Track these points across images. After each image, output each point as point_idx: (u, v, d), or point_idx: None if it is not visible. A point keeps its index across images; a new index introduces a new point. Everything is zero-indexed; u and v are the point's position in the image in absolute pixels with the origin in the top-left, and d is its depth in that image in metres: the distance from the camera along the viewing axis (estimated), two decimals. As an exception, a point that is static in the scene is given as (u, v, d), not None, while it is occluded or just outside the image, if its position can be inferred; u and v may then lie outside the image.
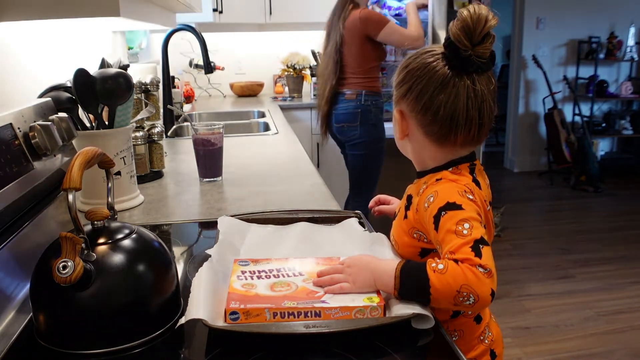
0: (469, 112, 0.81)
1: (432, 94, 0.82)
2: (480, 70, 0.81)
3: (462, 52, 0.79)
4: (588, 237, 3.71)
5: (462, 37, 0.78)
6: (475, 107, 0.81)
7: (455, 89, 0.81)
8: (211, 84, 3.90)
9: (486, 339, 0.89)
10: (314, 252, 0.93)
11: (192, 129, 1.51)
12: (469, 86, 0.80)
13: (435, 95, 0.82)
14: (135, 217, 1.23)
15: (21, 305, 0.80)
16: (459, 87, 0.81)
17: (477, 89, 0.81)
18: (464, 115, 0.81)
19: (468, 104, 0.81)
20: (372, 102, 2.66)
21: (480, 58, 0.79)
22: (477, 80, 0.81)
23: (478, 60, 0.79)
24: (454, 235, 0.73)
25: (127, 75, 1.23)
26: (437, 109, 0.82)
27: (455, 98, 0.81)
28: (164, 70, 2.36)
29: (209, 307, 0.70)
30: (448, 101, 0.81)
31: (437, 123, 0.83)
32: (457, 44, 0.79)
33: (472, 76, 0.81)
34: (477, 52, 0.79)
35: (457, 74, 0.81)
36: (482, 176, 0.88)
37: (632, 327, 2.57)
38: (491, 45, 0.79)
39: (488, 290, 0.69)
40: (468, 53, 0.79)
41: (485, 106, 0.82)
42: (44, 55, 1.40)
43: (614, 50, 5.10)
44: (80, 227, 0.67)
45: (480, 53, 0.79)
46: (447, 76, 0.81)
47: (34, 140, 0.92)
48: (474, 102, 0.81)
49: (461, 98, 0.81)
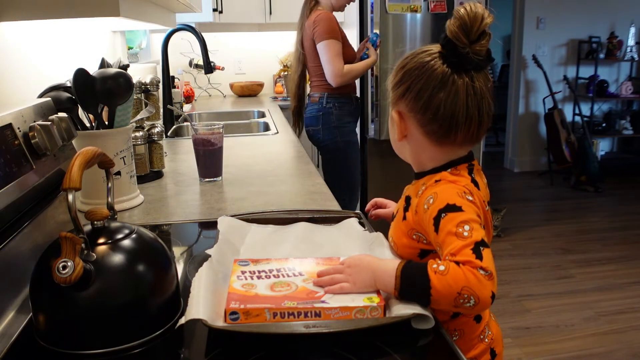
0: (469, 110, 0.81)
1: (432, 93, 0.82)
2: (478, 68, 0.81)
3: (460, 49, 0.79)
4: (588, 237, 3.71)
5: (459, 35, 0.78)
6: (475, 105, 0.81)
7: (454, 86, 0.81)
8: (211, 84, 3.90)
9: (486, 337, 0.89)
10: (313, 252, 0.93)
11: (192, 129, 1.51)
12: (468, 84, 0.80)
13: (435, 93, 0.81)
14: (135, 217, 1.23)
15: (21, 305, 0.80)
16: (459, 85, 0.80)
17: (476, 86, 0.81)
18: (464, 113, 0.81)
19: (468, 101, 0.81)
20: (335, 104, 2.62)
21: (477, 55, 0.79)
22: (475, 77, 0.81)
23: (475, 58, 0.79)
24: (454, 237, 0.73)
25: (127, 75, 1.23)
26: (437, 108, 0.82)
27: (455, 96, 0.81)
28: (164, 70, 2.36)
29: (209, 307, 0.70)
30: (448, 99, 0.81)
31: (437, 122, 0.83)
32: (454, 41, 0.79)
33: (471, 73, 0.81)
34: (474, 49, 0.79)
35: (456, 72, 0.81)
36: (480, 176, 0.87)
37: (632, 327, 2.57)
38: (487, 43, 0.80)
39: (489, 293, 0.69)
40: (466, 50, 0.79)
41: (484, 103, 0.82)
42: (43, 55, 1.40)
43: (614, 50, 5.10)
44: (80, 227, 0.67)
45: (477, 50, 0.79)
46: (446, 74, 0.81)
47: (33, 140, 0.92)
48: (473, 100, 0.81)
49: (461, 96, 0.81)
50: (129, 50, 2.52)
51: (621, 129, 5.36)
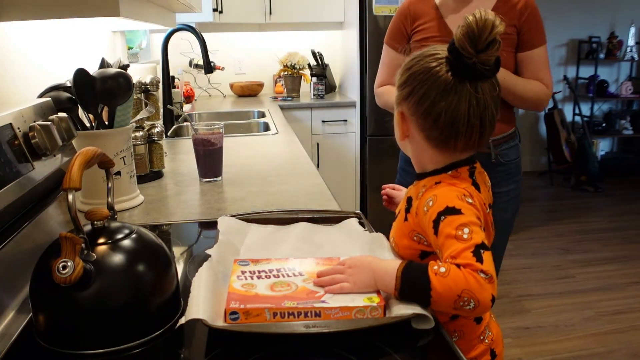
0: (470, 120, 0.80)
1: (434, 100, 0.80)
2: (484, 78, 0.79)
3: (466, 59, 0.77)
4: (588, 237, 3.71)
5: (466, 44, 0.75)
6: (476, 115, 0.80)
7: (457, 96, 0.79)
8: (211, 84, 3.89)
9: (486, 338, 0.89)
10: (313, 252, 0.93)
11: (192, 129, 1.51)
12: (472, 94, 0.79)
13: (437, 101, 0.80)
14: (135, 217, 1.23)
15: (21, 305, 0.80)
16: (461, 95, 0.79)
17: (480, 96, 0.79)
18: (465, 122, 0.80)
19: (470, 111, 0.79)
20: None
21: (484, 65, 0.77)
22: (480, 87, 0.79)
23: (482, 68, 0.77)
24: (454, 240, 0.73)
25: (127, 75, 1.23)
26: (437, 115, 0.81)
27: (456, 105, 0.79)
28: (164, 70, 2.36)
29: (209, 307, 0.70)
30: (449, 108, 0.79)
31: (438, 129, 0.82)
32: (460, 50, 0.76)
33: (475, 83, 0.79)
34: (481, 59, 0.76)
35: (460, 81, 0.79)
36: (483, 179, 0.87)
37: (632, 327, 2.57)
38: (497, 52, 0.77)
39: (489, 296, 0.69)
40: (472, 60, 0.76)
41: (487, 114, 0.80)
42: (43, 55, 1.40)
43: (614, 50, 5.10)
44: (80, 227, 0.67)
45: (485, 60, 0.77)
46: (449, 83, 0.79)
47: (33, 140, 0.92)
48: (475, 110, 0.79)
49: (462, 106, 0.79)
50: (129, 50, 2.52)
51: (621, 129, 5.36)
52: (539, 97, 1.55)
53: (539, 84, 1.52)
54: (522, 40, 1.50)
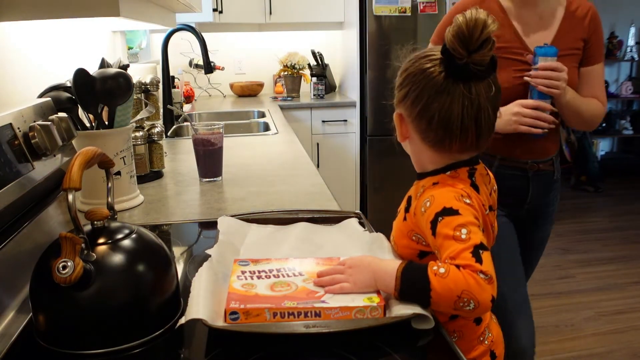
0: (464, 121, 0.79)
1: (427, 102, 0.80)
2: (478, 78, 0.78)
3: (457, 60, 0.76)
4: (588, 237, 3.71)
5: (456, 45, 0.75)
6: (471, 116, 0.79)
7: (450, 97, 0.78)
8: (211, 84, 3.89)
9: (486, 339, 0.89)
10: (314, 252, 0.93)
11: (192, 129, 1.51)
12: (465, 95, 0.77)
13: (430, 102, 0.80)
14: (135, 217, 1.23)
15: (21, 305, 0.80)
16: (454, 96, 0.78)
17: (474, 97, 0.78)
18: (459, 124, 0.79)
19: (463, 112, 0.78)
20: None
21: (478, 65, 0.76)
22: (474, 88, 0.78)
23: (475, 68, 0.76)
24: (452, 240, 0.73)
25: (127, 75, 1.23)
26: (431, 117, 0.80)
27: (449, 106, 0.78)
28: (164, 70, 2.36)
29: (209, 307, 0.70)
30: (442, 109, 0.79)
31: (432, 130, 0.81)
32: (451, 52, 0.76)
33: (469, 84, 0.78)
34: (474, 59, 0.75)
35: (453, 82, 0.78)
36: (484, 181, 0.86)
37: (632, 327, 2.57)
38: (491, 52, 0.76)
39: (489, 297, 0.69)
40: (464, 61, 0.75)
41: (482, 115, 0.79)
42: (43, 55, 1.40)
43: (614, 50, 5.10)
44: (80, 227, 0.67)
45: (478, 60, 0.76)
46: (442, 84, 0.78)
47: (33, 140, 0.92)
48: (469, 111, 0.78)
49: (455, 107, 0.78)
50: (129, 50, 2.52)
51: (621, 129, 5.36)
52: (598, 117, 1.50)
53: (597, 104, 1.47)
54: (586, 54, 1.42)
